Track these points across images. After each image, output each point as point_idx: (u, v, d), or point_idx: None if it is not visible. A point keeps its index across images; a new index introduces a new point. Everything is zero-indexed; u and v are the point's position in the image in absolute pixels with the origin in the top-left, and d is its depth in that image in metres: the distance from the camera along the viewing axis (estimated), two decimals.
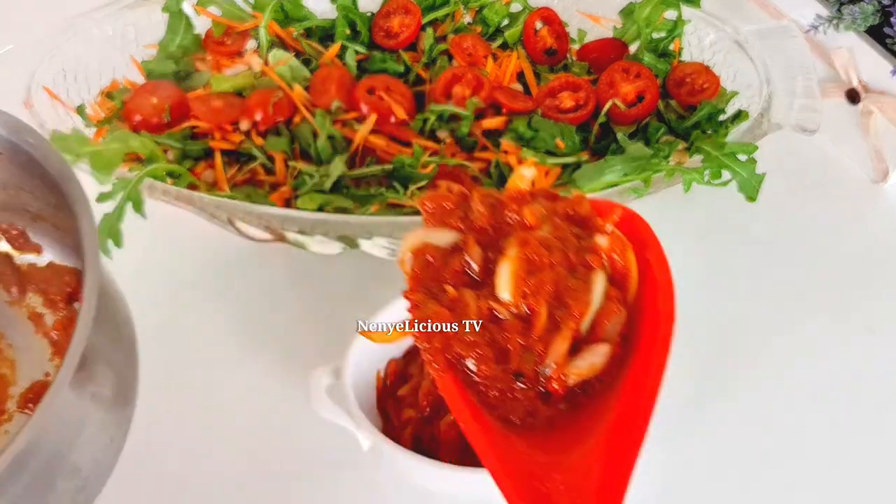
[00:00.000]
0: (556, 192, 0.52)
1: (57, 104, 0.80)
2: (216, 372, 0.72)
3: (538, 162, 0.76)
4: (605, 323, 0.47)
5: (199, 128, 0.81)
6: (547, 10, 0.90)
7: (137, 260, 0.78)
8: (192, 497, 0.65)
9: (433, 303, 0.47)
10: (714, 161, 0.72)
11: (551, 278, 0.46)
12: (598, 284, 0.48)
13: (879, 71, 0.83)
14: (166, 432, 0.68)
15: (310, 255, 0.79)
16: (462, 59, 0.86)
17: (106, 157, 0.71)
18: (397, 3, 0.89)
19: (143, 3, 0.88)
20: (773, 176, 0.75)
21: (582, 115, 0.81)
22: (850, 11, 0.83)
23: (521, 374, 0.46)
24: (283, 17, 0.90)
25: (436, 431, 0.63)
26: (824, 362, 0.74)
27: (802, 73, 0.80)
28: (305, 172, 0.75)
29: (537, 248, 0.47)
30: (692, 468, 0.67)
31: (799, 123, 0.76)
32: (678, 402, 0.70)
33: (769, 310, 0.78)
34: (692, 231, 0.84)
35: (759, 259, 0.82)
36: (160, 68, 0.86)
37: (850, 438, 0.69)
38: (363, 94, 0.80)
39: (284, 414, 0.69)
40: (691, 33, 0.89)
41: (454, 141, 0.80)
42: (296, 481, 0.66)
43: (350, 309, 0.73)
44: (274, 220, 0.71)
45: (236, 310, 0.76)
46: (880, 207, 0.87)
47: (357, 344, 0.63)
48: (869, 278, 0.80)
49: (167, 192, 0.71)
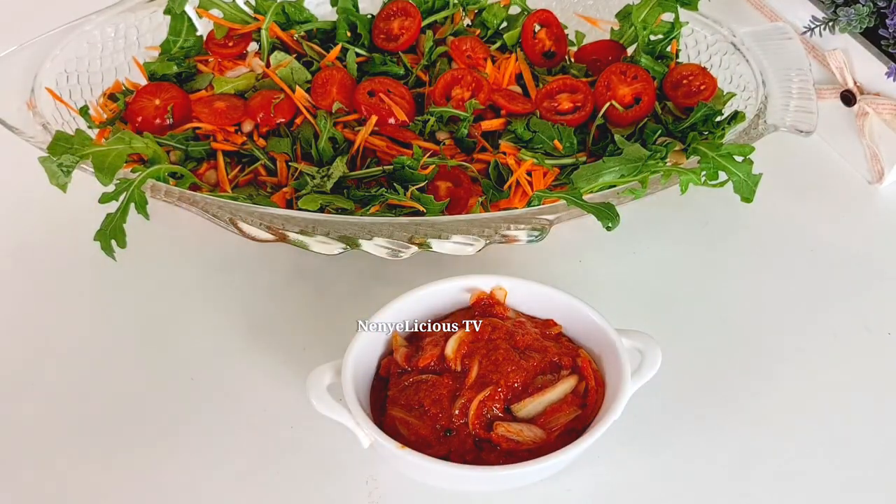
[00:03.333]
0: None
1: (60, 105, 0.81)
2: (217, 370, 0.73)
3: (537, 163, 0.77)
4: (556, 412, 0.62)
5: (202, 129, 0.81)
6: (545, 13, 0.90)
7: (139, 260, 0.79)
8: (192, 496, 0.66)
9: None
10: (710, 162, 0.73)
11: (489, 349, 0.63)
12: (564, 383, 0.63)
13: (874, 72, 0.84)
14: (166, 431, 0.69)
15: (311, 255, 0.79)
16: (461, 61, 0.86)
17: (109, 158, 0.71)
18: (397, 5, 0.90)
19: (146, 5, 0.88)
20: (769, 177, 0.76)
21: (580, 116, 0.81)
22: (845, 13, 0.84)
23: (451, 430, 0.61)
24: (284, 19, 0.91)
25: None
26: (821, 361, 0.74)
27: (798, 75, 0.80)
28: (307, 173, 0.76)
29: (489, 329, 0.64)
30: (690, 468, 0.68)
31: (794, 125, 0.77)
32: (673, 401, 0.71)
33: (765, 310, 0.78)
34: (689, 232, 0.84)
35: (756, 260, 0.82)
36: (162, 70, 0.87)
37: (849, 438, 0.70)
38: (364, 96, 0.81)
39: (285, 411, 0.70)
40: (688, 35, 0.90)
41: (454, 142, 0.81)
42: (296, 479, 0.66)
43: (350, 308, 0.75)
44: (275, 221, 0.72)
45: (238, 309, 0.77)
46: (876, 208, 0.87)
47: (357, 342, 0.64)
48: (865, 278, 0.81)
49: (170, 193, 0.72)
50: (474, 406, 0.61)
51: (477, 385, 0.62)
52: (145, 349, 0.75)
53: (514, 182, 0.77)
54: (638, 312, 0.77)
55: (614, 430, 0.61)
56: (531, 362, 0.63)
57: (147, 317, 0.77)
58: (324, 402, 0.61)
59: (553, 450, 0.59)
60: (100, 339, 0.75)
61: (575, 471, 0.66)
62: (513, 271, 0.70)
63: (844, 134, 0.89)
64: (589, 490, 0.66)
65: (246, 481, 0.66)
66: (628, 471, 0.67)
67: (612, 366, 0.64)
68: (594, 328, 0.66)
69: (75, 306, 0.77)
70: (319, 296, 0.78)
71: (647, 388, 0.64)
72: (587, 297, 0.67)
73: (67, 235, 0.81)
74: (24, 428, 0.69)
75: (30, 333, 0.75)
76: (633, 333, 0.66)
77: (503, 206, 0.77)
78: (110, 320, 0.76)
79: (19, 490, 0.66)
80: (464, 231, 0.71)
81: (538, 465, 0.58)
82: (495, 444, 0.60)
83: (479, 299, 0.68)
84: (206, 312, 0.77)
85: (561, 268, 0.81)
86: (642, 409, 0.69)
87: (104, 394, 0.71)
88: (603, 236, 0.75)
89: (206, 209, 0.73)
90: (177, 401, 0.71)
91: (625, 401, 0.61)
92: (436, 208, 0.72)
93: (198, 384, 0.72)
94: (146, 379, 0.72)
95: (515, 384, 0.62)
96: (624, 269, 0.81)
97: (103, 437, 0.69)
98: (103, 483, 0.66)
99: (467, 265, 0.78)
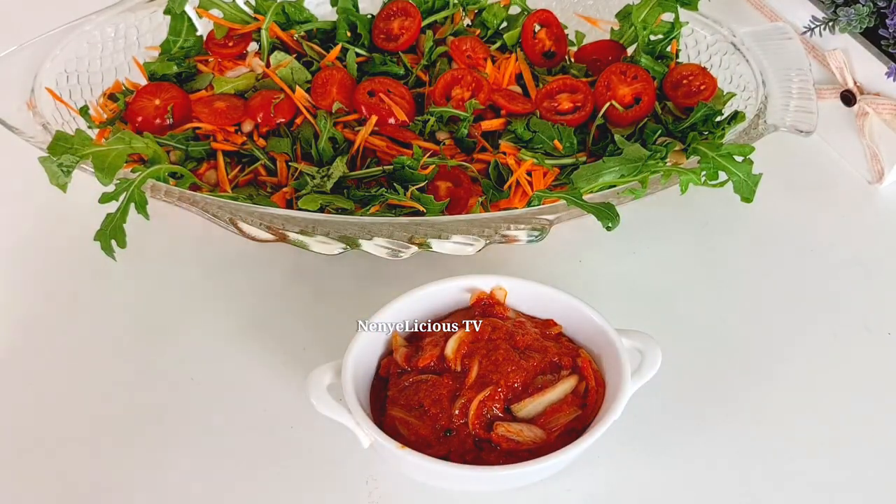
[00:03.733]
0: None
1: (60, 105, 0.81)
2: (217, 370, 0.73)
3: (537, 163, 0.77)
4: (556, 412, 0.62)
5: (202, 129, 0.81)
6: (545, 13, 0.90)
7: (139, 260, 0.79)
8: (192, 495, 0.66)
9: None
10: (711, 162, 0.73)
11: (489, 349, 0.63)
12: (564, 383, 0.63)
13: (874, 72, 0.84)
14: (166, 431, 0.69)
15: (311, 255, 0.79)
16: (461, 61, 0.86)
17: (109, 158, 0.71)
18: (397, 5, 0.90)
19: (146, 5, 0.88)
20: (769, 177, 0.76)
21: (580, 116, 0.81)
22: (845, 13, 0.84)
23: (451, 430, 0.61)
24: (284, 19, 0.91)
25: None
26: (821, 361, 0.75)
27: (798, 75, 0.81)
28: (307, 173, 0.76)
29: (489, 329, 0.64)
30: (690, 468, 0.68)
31: (794, 125, 0.77)
32: (673, 401, 0.71)
33: (765, 309, 0.78)
34: (688, 232, 0.84)
35: (756, 259, 0.82)
36: (162, 70, 0.87)
37: (849, 437, 0.70)
38: (364, 96, 0.81)
39: (285, 411, 0.70)
40: (688, 35, 0.90)
41: (454, 142, 0.81)
42: (296, 478, 0.66)
43: (350, 308, 0.74)
44: (275, 221, 0.72)
45: (238, 309, 0.77)
46: (876, 208, 0.88)
47: (357, 342, 0.64)
48: (865, 277, 0.81)
49: (170, 193, 0.72)
50: (474, 406, 0.61)
51: (477, 385, 0.62)
52: (145, 349, 0.75)
53: (514, 182, 0.77)
54: (638, 312, 0.77)
55: (614, 430, 0.61)
56: (531, 362, 0.63)
57: (147, 317, 0.77)
58: (324, 402, 0.61)
59: (553, 450, 0.59)
60: (99, 338, 0.75)
61: (575, 471, 0.66)
62: (513, 271, 0.70)
63: (844, 134, 0.89)
64: (589, 490, 0.66)
65: (246, 481, 0.66)
66: (628, 471, 0.67)
67: (612, 366, 0.64)
68: (594, 328, 0.66)
69: (75, 306, 0.77)
70: (319, 296, 0.78)
71: (647, 388, 0.64)
72: (587, 297, 0.67)
73: (67, 235, 0.81)
74: (24, 428, 0.69)
75: (29, 333, 0.75)
76: (633, 333, 0.66)
77: (503, 206, 0.77)
78: (110, 320, 0.76)
79: (19, 490, 0.66)
80: (464, 231, 0.71)
81: (538, 465, 0.58)
82: (495, 444, 0.60)
83: (479, 299, 0.68)
84: (206, 312, 0.77)
85: (561, 268, 0.81)
86: (642, 409, 0.69)
87: (104, 393, 0.71)
88: (603, 236, 0.75)
89: (206, 209, 0.73)
90: (177, 401, 0.71)
91: (625, 401, 0.61)
92: (436, 208, 0.72)
93: (198, 384, 0.72)
94: (146, 379, 0.72)
95: (515, 384, 0.62)
96: (624, 269, 0.81)
97: (103, 436, 0.69)
98: (102, 482, 0.66)
99: (467, 265, 0.78)
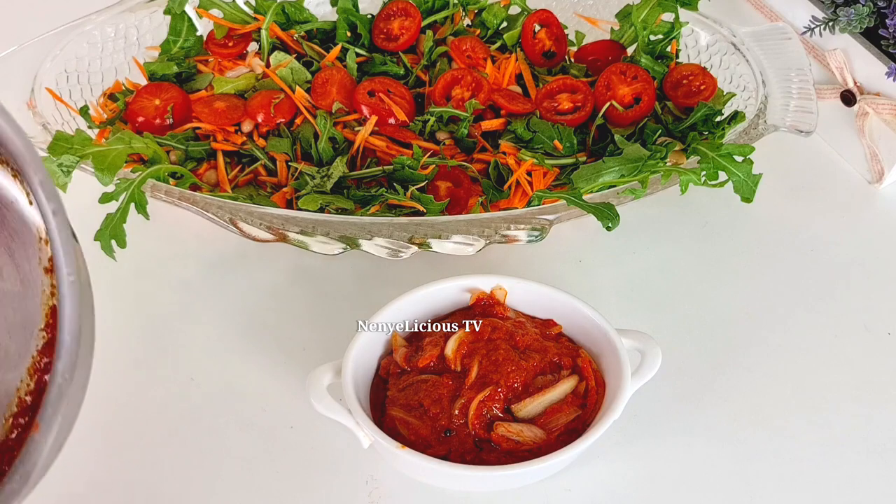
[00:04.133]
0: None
1: (60, 105, 0.81)
2: (217, 370, 0.73)
3: (537, 163, 0.77)
4: (556, 412, 0.62)
5: (202, 129, 0.81)
6: (545, 13, 0.90)
7: (140, 260, 0.79)
8: (191, 496, 0.66)
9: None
10: (711, 162, 0.73)
11: (489, 349, 0.63)
12: (564, 383, 0.63)
13: (874, 72, 0.84)
14: (166, 431, 0.69)
15: (311, 255, 0.79)
16: (461, 61, 0.86)
17: (109, 157, 0.72)
18: (397, 5, 0.90)
19: (146, 5, 0.88)
20: (769, 177, 0.76)
21: (580, 116, 0.81)
22: (845, 13, 0.84)
23: (451, 430, 0.61)
24: (284, 19, 0.91)
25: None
26: (821, 361, 0.75)
27: (798, 75, 0.81)
28: (307, 173, 0.76)
29: (489, 329, 0.65)
30: (690, 468, 0.68)
31: (794, 125, 0.77)
32: (674, 401, 0.71)
33: (765, 310, 0.78)
34: (688, 232, 0.84)
35: (755, 259, 0.82)
36: (162, 70, 0.87)
37: (849, 437, 0.70)
38: (364, 96, 0.81)
39: (285, 411, 0.70)
40: (688, 35, 0.90)
41: (454, 142, 0.81)
42: (296, 478, 0.66)
43: (350, 308, 0.75)
44: (275, 221, 0.72)
45: (238, 309, 0.77)
46: (876, 208, 0.88)
47: (357, 342, 0.64)
48: (865, 277, 0.81)
49: (170, 193, 0.72)
50: (474, 406, 0.61)
51: (477, 385, 0.62)
52: (145, 349, 0.75)
53: (514, 182, 0.77)
54: (638, 312, 0.77)
55: (614, 430, 0.61)
56: (531, 362, 0.63)
57: (147, 317, 0.77)
58: (324, 402, 0.61)
59: (553, 450, 0.59)
60: (99, 338, 0.74)
61: (575, 471, 0.66)
62: (513, 271, 0.70)
63: (844, 134, 0.89)
64: (589, 490, 0.66)
65: (246, 481, 0.66)
66: (628, 471, 0.67)
67: (612, 366, 0.64)
68: (594, 328, 0.66)
69: None
70: (319, 296, 0.78)
71: (647, 388, 0.64)
72: (587, 297, 0.67)
73: None
74: None
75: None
76: (633, 333, 0.66)
77: (503, 206, 0.77)
78: (110, 320, 0.76)
79: None
80: (464, 231, 0.71)
81: (538, 465, 0.58)
82: (495, 445, 0.60)
83: (479, 299, 0.68)
84: (206, 312, 0.77)
85: (561, 268, 0.81)
86: (642, 409, 0.69)
87: (103, 393, 0.71)
88: (603, 236, 0.75)
89: (206, 209, 0.73)
90: (177, 401, 0.71)
91: (625, 401, 0.61)
92: (436, 208, 0.72)
93: (198, 384, 0.72)
94: (146, 379, 0.73)
95: (515, 384, 0.62)
96: (624, 269, 0.81)
97: (103, 436, 0.69)
98: (102, 482, 0.66)
99: (467, 265, 0.78)
